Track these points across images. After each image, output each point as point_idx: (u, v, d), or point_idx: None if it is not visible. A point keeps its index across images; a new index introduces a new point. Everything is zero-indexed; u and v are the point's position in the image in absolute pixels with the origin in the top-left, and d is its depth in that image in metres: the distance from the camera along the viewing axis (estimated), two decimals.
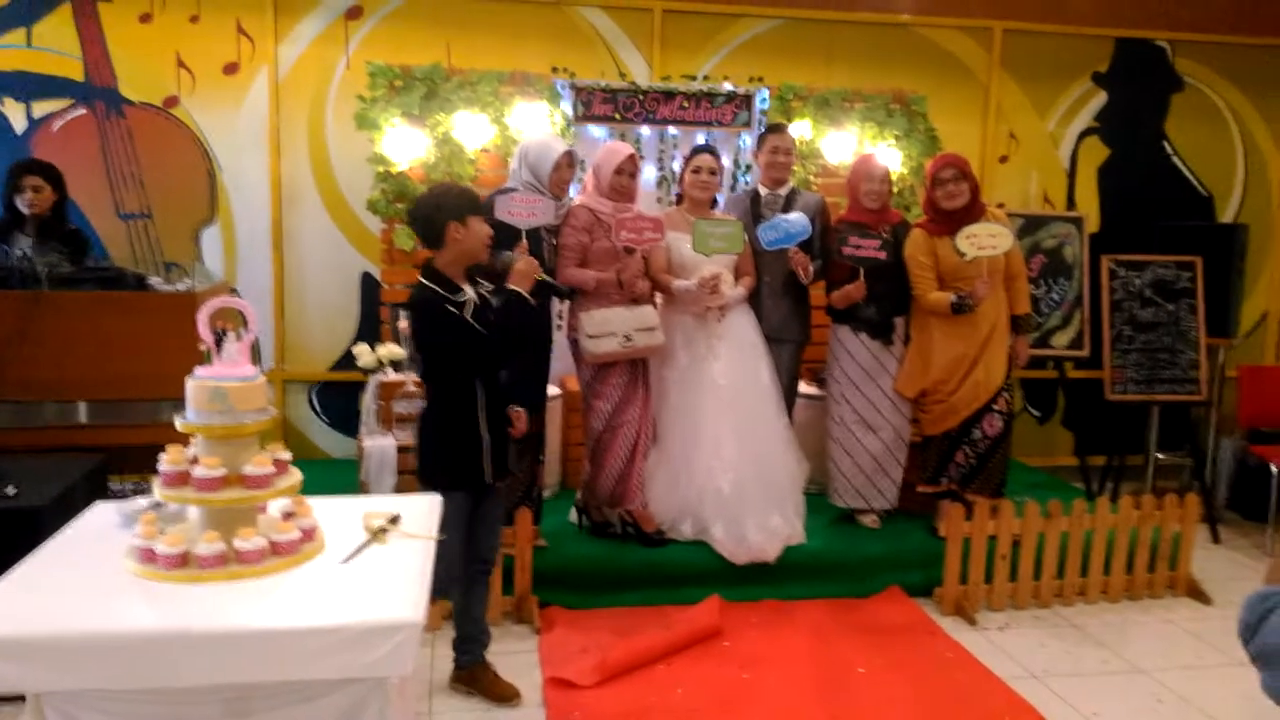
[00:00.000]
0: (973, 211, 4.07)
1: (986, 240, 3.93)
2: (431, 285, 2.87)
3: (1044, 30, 5.74)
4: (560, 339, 4.15)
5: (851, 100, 5.21)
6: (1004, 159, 5.79)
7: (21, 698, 1.86)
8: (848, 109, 5.20)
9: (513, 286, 2.99)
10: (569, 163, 3.81)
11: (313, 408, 5.31)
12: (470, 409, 2.96)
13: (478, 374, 2.96)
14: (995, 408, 4.14)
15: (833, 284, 4.23)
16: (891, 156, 5.09)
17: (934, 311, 4.12)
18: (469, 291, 2.92)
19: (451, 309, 2.86)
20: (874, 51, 5.56)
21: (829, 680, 3.31)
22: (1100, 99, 5.91)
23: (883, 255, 4.07)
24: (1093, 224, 5.71)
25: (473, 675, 3.20)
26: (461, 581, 3.10)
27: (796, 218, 4.08)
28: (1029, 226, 5.40)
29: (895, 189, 4.89)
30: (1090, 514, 4.10)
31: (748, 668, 3.38)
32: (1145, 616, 4.07)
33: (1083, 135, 5.93)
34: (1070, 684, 3.43)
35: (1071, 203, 5.91)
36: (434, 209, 2.89)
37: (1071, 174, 5.93)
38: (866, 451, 4.29)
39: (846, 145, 5.15)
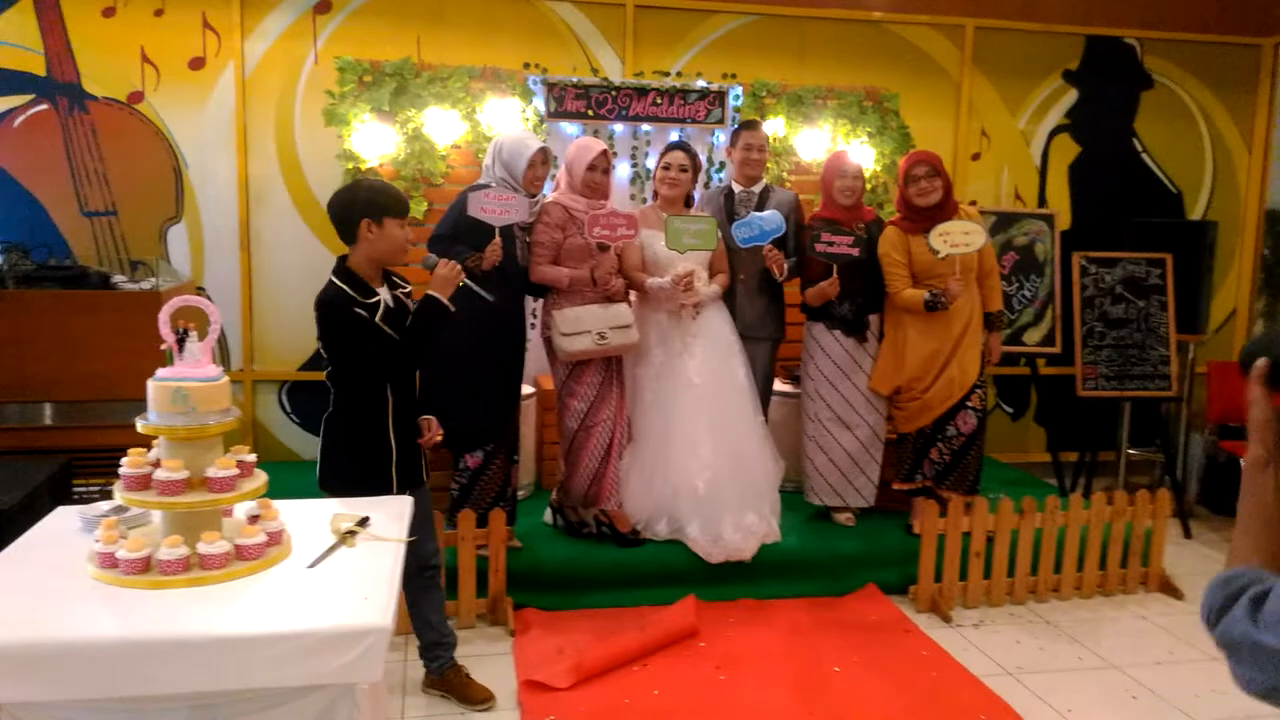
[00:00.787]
0: (946, 209, 4.07)
1: (960, 238, 3.93)
2: (341, 284, 2.74)
3: (1016, 28, 5.76)
4: (534, 337, 4.11)
5: (825, 97, 5.20)
6: (976, 156, 5.81)
7: None
8: (821, 106, 5.20)
9: (432, 292, 2.82)
10: (543, 160, 3.77)
11: (283, 408, 5.23)
12: (379, 415, 2.83)
13: (385, 379, 2.82)
14: (969, 404, 4.15)
15: (808, 281, 4.22)
16: (864, 154, 5.10)
17: (907, 309, 4.12)
18: (383, 294, 2.80)
19: (360, 310, 2.73)
20: (847, 48, 5.56)
21: (805, 679, 3.30)
22: (1071, 96, 5.94)
23: (856, 252, 4.05)
24: (1064, 221, 5.75)
25: (444, 679, 3.15)
26: (409, 592, 3.02)
27: (770, 215, 4.07)
28: (1001, 223, 5.43)
29: (868, 186, 4.90)
30: (1063, 510, 4.12)
31: (724, 668, 3.36)
32: (1118, 612, 4.09)
33: (1054, 132, 5.95)
34: (1045, 680, 3.44)
35: (1043, 200, 5.93)
36: (348, 204, 2.77)
37: (1043, 171, 5.95)
38: (842, 449, 4.28)
39: (820, 142, 5.15)
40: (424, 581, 3.04)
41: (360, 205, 2.74)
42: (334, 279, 2.76)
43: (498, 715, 3.10)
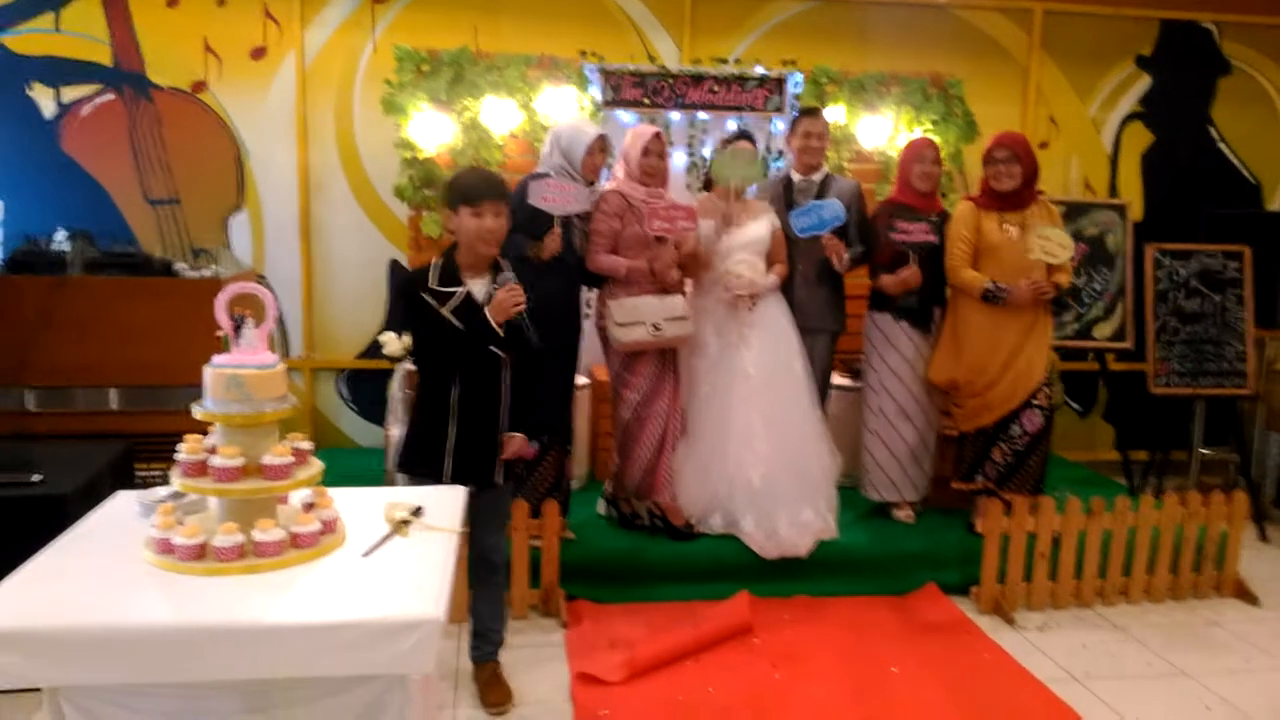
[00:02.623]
0: (1023, 196, 3.95)
1: (1055, 248, 3.81)
2: (427, 268, 2.79)
3: (1086, 11, 5.58)
4: (589, 328, 4.08)
5: (887, 84, 5.09)
6: (1044, 145, 5.64)
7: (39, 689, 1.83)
8: (883, 93, 5.08)
9: (488, 311, 2.76)
10: (602, 147, 3.73)
11: (341, 396, 5.28)
12: (441, 403, 2.82)
13: (443, 368, 2.82)
14: (1035, 403, 4.01)
15: (879, 268, 4.11)
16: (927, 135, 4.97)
17: (962, 289, 4.00)
18: (473, 285, 2.78)
19: (426, 296, 2.74)
20: (910, 33, 5.43)
21: (863, 680, 3.22)
22: (1144, 83, 5.75)
23: (933, 239, 3.96)
24: (1136, 212, 5.56)
25: (476, 672, 3.14)
26: (471, 577, 3.06)
27: (831, 203, 3.98)
28: (1070, 214, 5.24)
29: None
30: (1133, 511, 3.98)
31: (779, 666, 3.30)
32: (1190, 618, 3.94)
33: (1126, 120, 5.77)
34: (1112, 687, 3.32)
35: (1114, 190, 5.75)
36: (444, 193, 2.85)
37: (1114, 160, 5.77)
38: (904, 443, 4.18)
39: (882, 130, 5.03)
40: (483, 574, 3.04)
41: (444, 195, 2.84)
42: (432, 261, 2.82)
43: (551, 708, 3.07)
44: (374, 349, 4.72)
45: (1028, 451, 4.03)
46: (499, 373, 2.85)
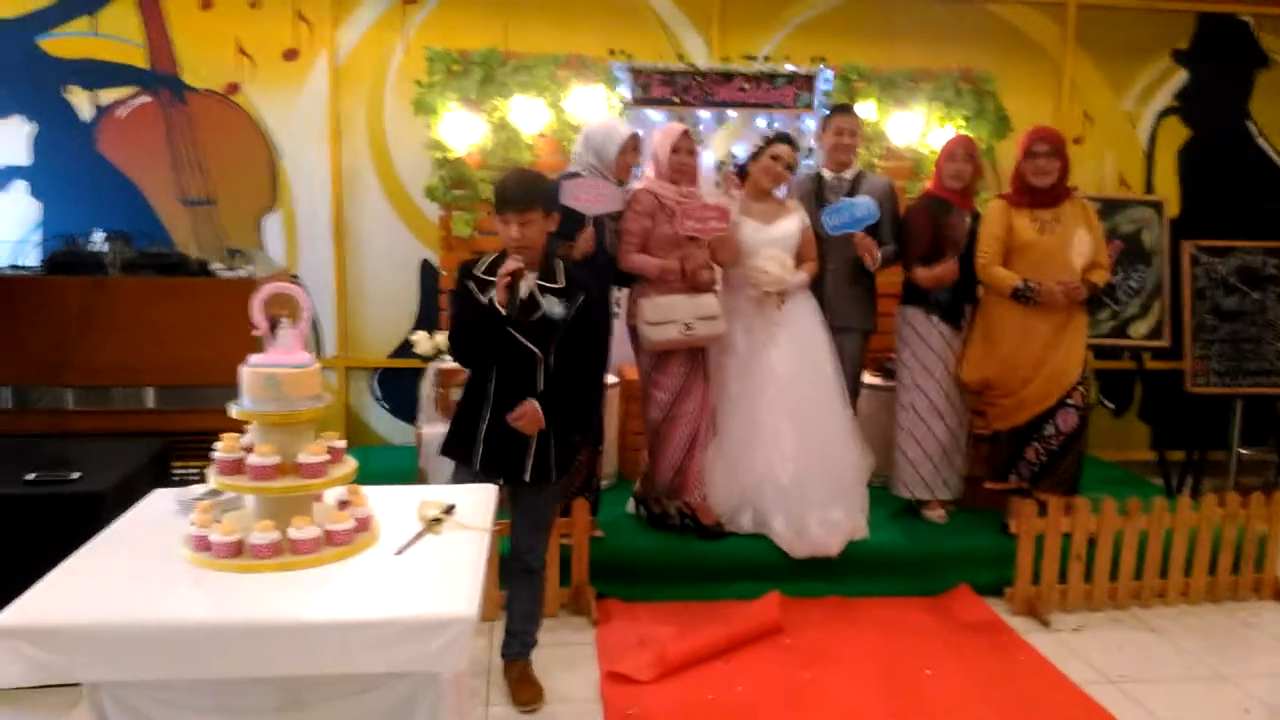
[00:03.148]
0: (1059, 192, 3.90)
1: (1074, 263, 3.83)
2: (480, 258, 2.82)
3: (1121, 5, 5.51)
4: (619, 326, 4.08)
5: (918, 80, 5.05)
6: (1078, 140, 5.57)
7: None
8: (914, 89, 5.04)
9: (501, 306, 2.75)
10: (634, 146, 3.73)
11: (373, 394, 5.32)
12: (477, 394, 2.89)
13: (474, 354, 2.88)
14: (1069, 402, 3.96)
15: (914, 260, 4.06)
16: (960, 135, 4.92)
17: (991, 285, 3.96)
18: (521, 282, 2.80)
19: (471, 285, 2.81)
20: (941, 29, 5.38)
21: (895, 681, 3.20)
22: (1181, 77, 5.66)
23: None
24: (1173, 208, 5.47)
25: (506, 669, 3.15)
26: (508, 575, 3.09)
27: (863, 201, 3.95)
28: (1105, 211, 5.16)
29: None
30: (1171, 512, 3.91)
31: (810, 666, 3.28)
32: (1229, 620, 3.87)
33: (1162, 115, 5.69)
34: (1150, 690, 3.27)
35: (1150, 186, 5.67)
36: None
37: (1150, 156, 5.69)
38: (936, 440, 4.14)
39: (913, 126, 4.99)
40: (518, 574, 3.06)
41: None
42: (490, 253, 2.87)
43: (581, 707, 3.07)
44: (407, 347, 4.76)
45: (1062, 451, 3.98)
46: (534, 369, 2.85)
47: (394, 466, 4.39)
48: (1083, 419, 4.00)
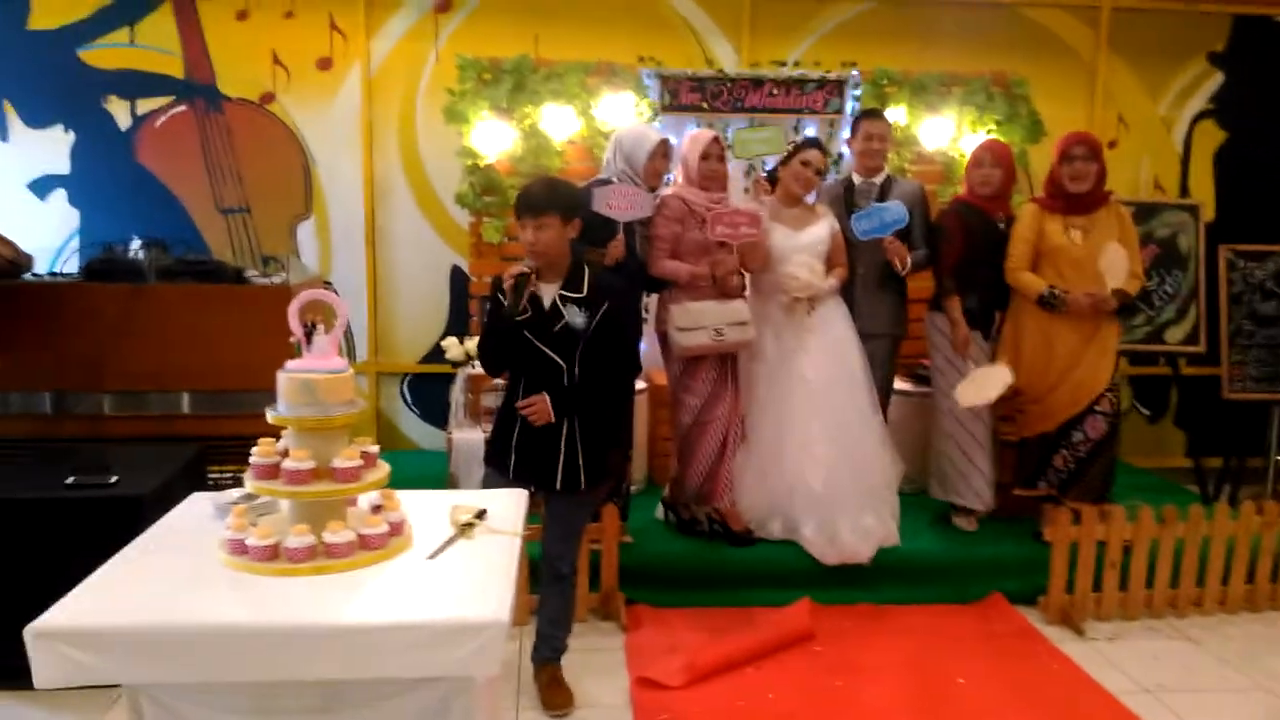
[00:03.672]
0: (1095, 197, 3.86)
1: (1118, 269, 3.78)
2: (520, 268, 2.82)
3: (1155, 7, 5.45)
4: (648, 332, 4.08)
5: (949, 84, 5.02)
6: (1112, 144, 5.51)
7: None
8: (945, 93, 5.01)
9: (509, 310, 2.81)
10: (664, 152, 3.74)
11: (404, 399, 5.36)
12: (509, 400, 2.95)
13: (499, 363, 2.94)
14: (1098, 409, 3.91)
15: (948, 266, 4.03)
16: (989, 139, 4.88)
17: (1019, 290, 3.93)
18: (545, 290, 2.83)
19: (500, 295, 2.83)
20: (972, 33, 5.35)
21: (928, 690, 3.18)
22: (1217, 80, 5.59)
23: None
24: (1208, 212, 5.40)
25: (536, 674, 3.16)
26: (541, 580, 3.11)
27: (893, 206, 3.93)
28: (1140, 215, 5.11)
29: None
30: (1208, 520, 3.86)
31: (841, 674, 3.26)
32: (1269, 630, 3.81)
33: (1197, 118, 5.62)
34: (1187, 700, 3.22)
35: (1185, 190, 5.60)
36: None
37: (1185, 159, 5.62)
38: (977, 444, 4.08)
39: (944, 131, 4.97)
40: (549, 580, 3.07)
41: None
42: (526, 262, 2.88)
43: (611, 713, 3.08)
44: (437, 353, 4.79)
45: (1090, 458, 3.93)
46: (560, 379, 2.86)
47: (424, 471, 4.42)
48: (1113, 426, 3.95)
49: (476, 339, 3.48)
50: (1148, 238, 5.08)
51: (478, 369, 4.35)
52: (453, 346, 4.53)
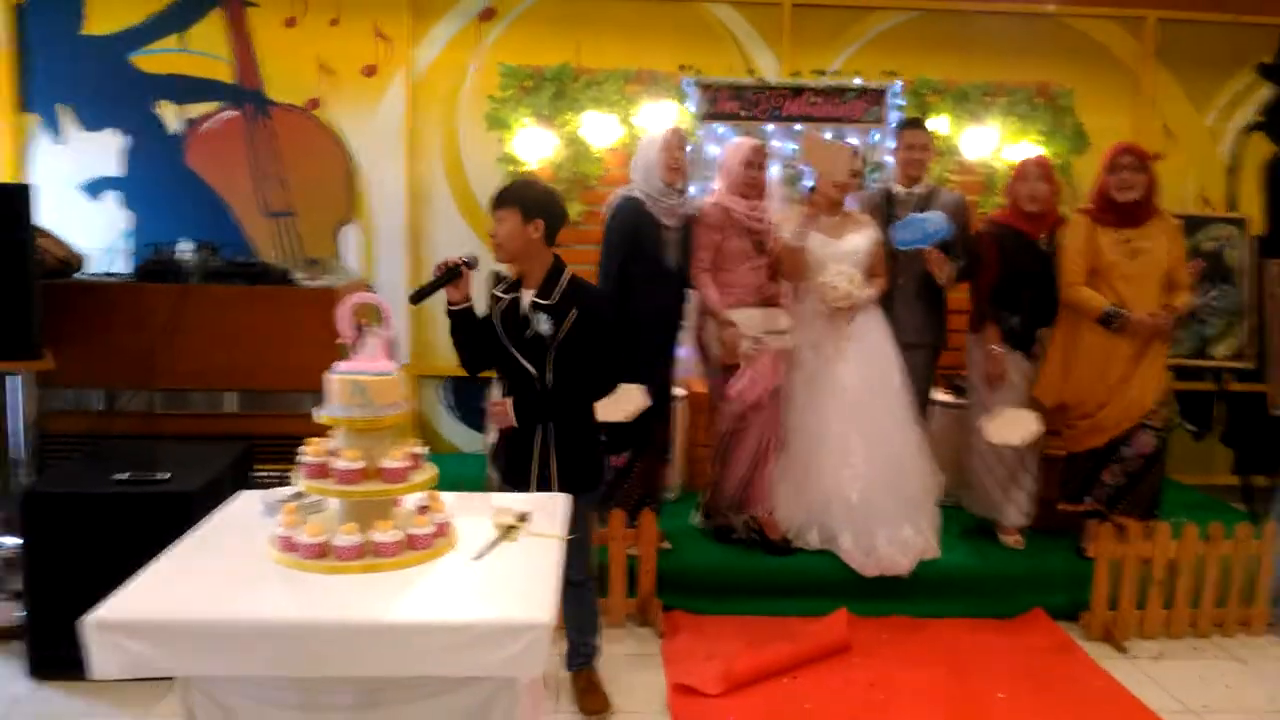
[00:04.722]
0: (1145, 209, 3.80)
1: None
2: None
3: (1203, 19, 5.38)
4: (687, 339, 4.08)
5: (992, 94, 5.00)
6: (1158, 156, 5.42)
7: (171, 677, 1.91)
8: (988, 103, 4.99)
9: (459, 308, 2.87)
10: (678, 142, 3.67)
11: (444, 402, 5.41)
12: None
13: (483, 365, 2.98)
14: (1148, 424, 3.86)
15: (986, 292, 4.00)
16: (1035, 153, 4.85)
17: (1077, 307, 3.86)
18: (524, 295, 2.87)
19: (492, 294, 2.93)
20: (1016, 42, 5.32)
21: (966, 704, 3.15)
22: (1265, 92, 5.50)
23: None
24: (1257, 225, 5.31)
25: (574, 679, 3.17)
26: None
27: (935, 216, 3.91)
28: (1186, 228, 5.01)
29: None
30: (1256, 539, 3.79)
31: (879, 686, 3.24)
32: None
33: (1246, 131, 5.53)
34: None
35: (1233, 203, 5.52)
36: None
37: (1233, 172, 5.54)
38: (1002, 464, 4.06)
39: (987, 141, 4.94)
40: (566, 585, 3.07)
41: None
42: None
43: (647, 718, 3.08)
44: None
45: (1140, 473, 3.88)
46: (531, 385, 2.87)
47: (463, 474, 4.44)
48: (1162, 441, 3.89)
49: None
50: (1194, 251, 4.98)
51: None
52: None
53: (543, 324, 2.82)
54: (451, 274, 2.79)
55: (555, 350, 2.83)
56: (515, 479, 2.95)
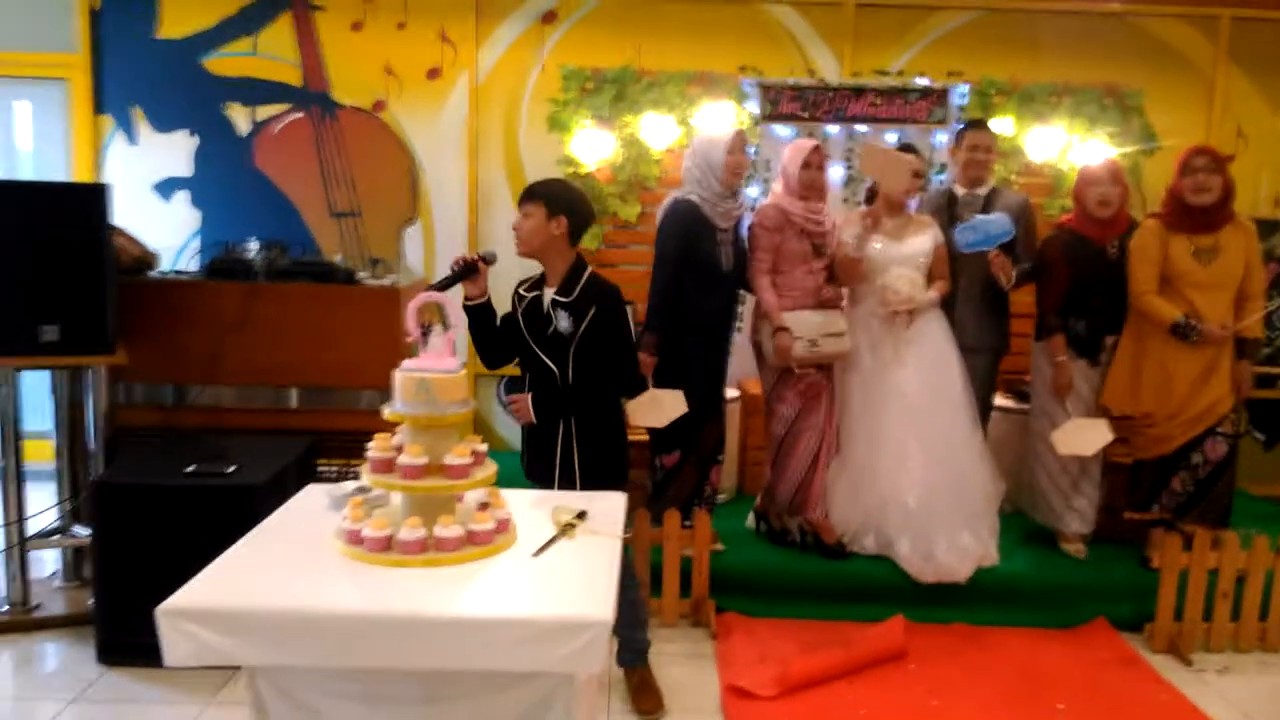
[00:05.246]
0: (1221, 212, 3.70)
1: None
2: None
3: (1277, 17, 5.22)
4: (740, 340, 4.08)
5: (1059, 94, 4.91)
6: (1230, 158, 5.29)
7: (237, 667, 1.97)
8: (1054, 104, 4.91)
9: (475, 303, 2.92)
10: (741, 146, 3.66)
11: (500, 401, 5.47)
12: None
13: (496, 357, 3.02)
14: (1219, 431, 3.76)
15: (1053, 301, 3.93)
16: (1104, 154, 4.75)
17: (1148, 316, 3.77)
18: (546, 292, 2.92)
19: (517, 294, 2.99)
20: (1083, 43, 5.21)
21: (1025, 714, 3.10)
22: None
23: None
24: None
25: (627, 676, 3.19)
26: None
27: (999, 218, 3.85)
28: (1259, 232, 4.88)
29: None
30: None
31: (936, 694, 3.21)
32: None
33: None
34: None
35: None
36: None
37: None
38: (1065, 472, 3.99)
39: (1053, 142, 4.85)
40: None
41: None
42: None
43: (703, 719, 3.08)
44: None
45: (1210, 480, 3.78)
46: (553, 381, 2.90)
47: (518, 471, 4.49)
48: (1232, 448, 3.79)
49: None
50: (1268, 255, 4.86)
51: None
52: None
53: (563, 321, 2.86)
54: (468, 269, 2.84)
55: (576, 347, 2.86)
56: (539, 473, 2.99)
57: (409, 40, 5.18)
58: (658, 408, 3.59)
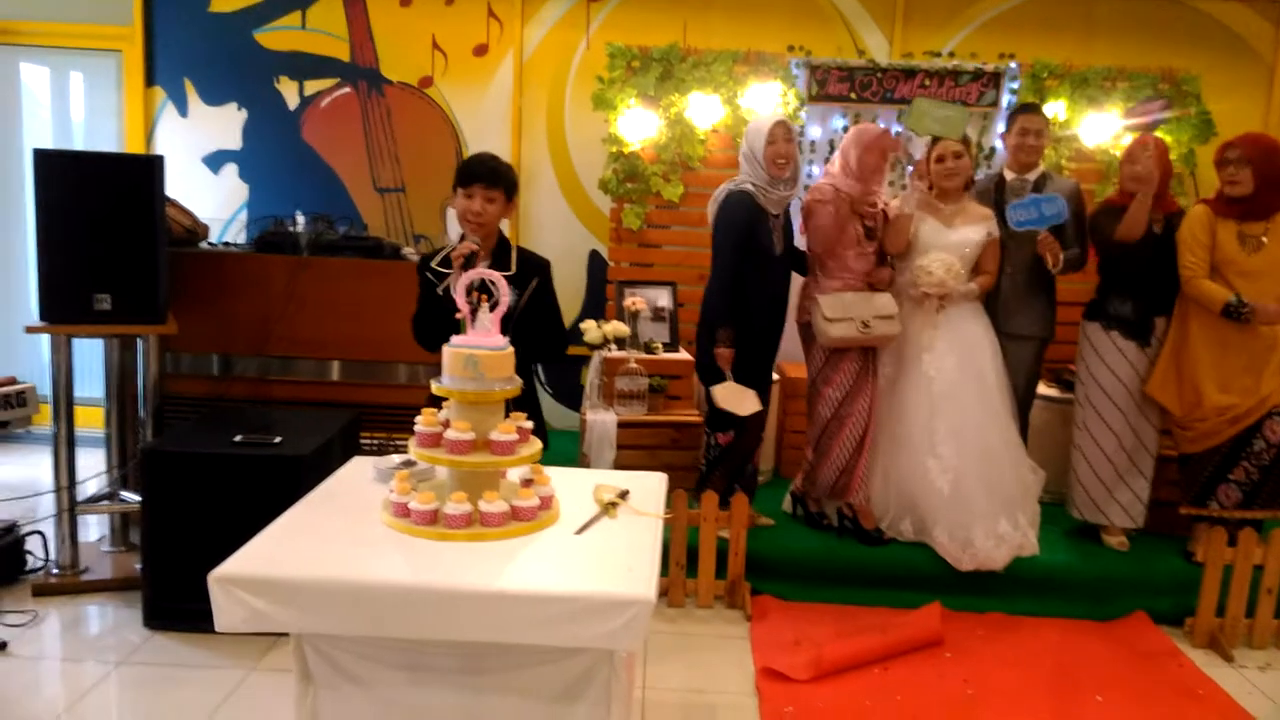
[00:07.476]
0: (1257, 204, 3.62)
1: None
2: (438, 250, 2.95)
3: None
4: (789, 322, 4.05)
5: (1114, 79, 4.81)
6: None
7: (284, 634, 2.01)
8: (1109, 88, 4.80)
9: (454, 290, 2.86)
10: (785, 135, 3.64)
11: (539, 379, 5.49)
12: None
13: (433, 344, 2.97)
14: (1277, 413, 3.69)
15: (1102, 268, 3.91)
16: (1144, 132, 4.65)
17: (1199, 301, 3.70)
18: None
19: (428, 274, 2.96)
20: (1140, 26, 5.11)
21: (1063, 706, 3.07)
22: None
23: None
24: None
25: None
26: None
27: (1054, 199, 3.79)
28: None
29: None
30: None
31: (972, 682, 3.19)
32: None
33: None
34: None
35: None
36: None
37: None
38: (1108, 462, 3.94)
39: (1107, 127, 4.76)
40: None
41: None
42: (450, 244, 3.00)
43: (736, 700, 3.10)
44: (573, 335, 4.89)
45: (1275, 464, 3.71)
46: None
47: (556, 449, 4.50)
48: None
49: (567, 320, 3.56)
50: None
51: (614, 352, 4.42)
52: (590, 329, 4.61)
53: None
54: (470, 262, 2.88)
55: (517, 319, 2.89)
56: None
57: (456, 17, 5.19)
58: (739, 398, 3.66)
